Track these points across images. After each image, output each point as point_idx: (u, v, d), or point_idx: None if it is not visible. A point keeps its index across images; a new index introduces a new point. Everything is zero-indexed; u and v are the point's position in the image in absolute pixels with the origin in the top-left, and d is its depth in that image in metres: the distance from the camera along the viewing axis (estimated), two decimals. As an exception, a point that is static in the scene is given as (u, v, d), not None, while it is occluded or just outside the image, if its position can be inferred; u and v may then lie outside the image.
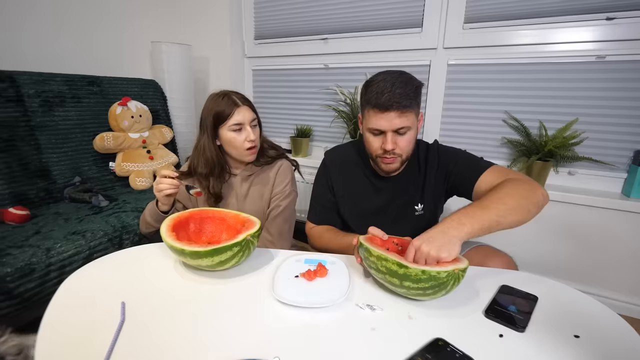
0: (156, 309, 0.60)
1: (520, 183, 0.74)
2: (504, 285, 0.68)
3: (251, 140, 0.94)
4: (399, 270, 0.59)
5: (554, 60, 1.43)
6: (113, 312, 0.59)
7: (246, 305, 0.62)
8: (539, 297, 0.64)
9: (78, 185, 1.48)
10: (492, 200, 0.69)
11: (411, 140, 0.86)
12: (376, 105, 0.81)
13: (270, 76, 2.15)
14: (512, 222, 0.68)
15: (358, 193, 0.99)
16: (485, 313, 0.60)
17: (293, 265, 0.74)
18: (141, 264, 0.76)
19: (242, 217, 0.80)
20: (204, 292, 0.66)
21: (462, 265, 0.60)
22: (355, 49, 1.83)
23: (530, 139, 1.49)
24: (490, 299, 0.64)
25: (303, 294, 0.64)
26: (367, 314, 0.61)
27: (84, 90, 1.60)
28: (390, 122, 0.81)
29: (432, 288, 0.59)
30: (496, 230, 0.67)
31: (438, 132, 1.71)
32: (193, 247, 0.67)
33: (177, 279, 0.70)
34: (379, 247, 0.67)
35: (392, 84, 0.80)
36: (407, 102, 0.79)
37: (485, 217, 0.66)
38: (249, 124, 0.94)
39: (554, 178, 1.52)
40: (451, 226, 0.65)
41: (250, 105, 0.96)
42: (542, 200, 0.73)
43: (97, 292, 0.65)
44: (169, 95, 1.95)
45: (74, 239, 1.10)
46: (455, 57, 1.61)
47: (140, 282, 0.69)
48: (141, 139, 1.70)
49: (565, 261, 1.46)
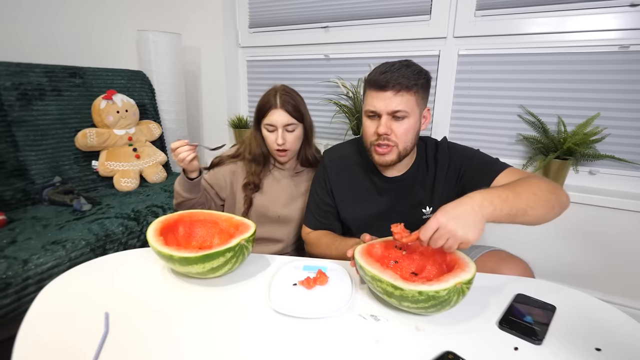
0: (142, 320, 0.60)
1: (545, 181, 0.75)
2: (519, 294, 0.68)
3: (279, 144, 1.00)
4: (394, 291, 0.59)
5: (574, 50, 1.43)
6: (96, 324, 0.58)
7: (240, 316, 0.62)
8: (557, 307, 0.64)
9: (58, 185, 1.47)
10: (524, 188, 0.69)
11: (409, 130, 0.85)
12: (373, 83, 0.83)
13: (266, 67, 2.15)
14: (537, 216, 0.69)
15: (360, 196, 0.98)
16: (499, 324, 0.60)
17: (291, 272, 0.74)
18: (126, 271, 0.76)
19: (235, 221, 0.80)
20: (194, 301, 0.66)
21: (466, 276, 0.59)
22: (358, 38, 1.82)
23: (548, 135, 1.48)
24: (504, 309, 0.64)
25: (301, 304, 0.64)
26: (370, 324, 0.60)
27: (65, 82, 1.60)
28: (385, 102, 0.82)
29: (434, 306, 0.58)
30: (520, 221, 0.67)
31: (448, 128, 1.71)
32: (182, 253, 0.66)
33: (165, 288, 0.70)
34: (374, 262, 0.66)
35: (392, 65, 0.82)
36: (405, 82, 0.80)
37: (516, 203, 0.66)
38: (282, 127, 1.00)
39: (573, 178, 1.51)
40: (482, 205, 0.63)
41: (289, 109, 0.99)
42: (566, 201, 0.74)
43: (78, 301, 0.65)
44: (157, 88, 1.95)
45: (54, 250, 1.10)
46: (466, 46, 1.61)
47: (126, 290, 0.68)
48: (127, 136, 1.70)
49: (586, 268, 1.46)
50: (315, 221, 1.03)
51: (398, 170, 0.94)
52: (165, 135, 1.98)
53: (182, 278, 0.73)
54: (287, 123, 1.00)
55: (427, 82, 0.85)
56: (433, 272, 0.70)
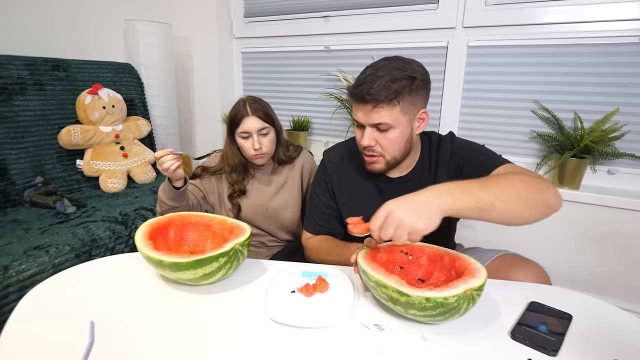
0: (130, 330, 0.60)
1: (532, 177, 0.73)
2: (532, 301, 0.68)
3: (256, 148, 1.11)
4: (400, 298, 0.59)
5: (591, 42, 1.43)
6: (80, 334, 0.58)
7: (234, 326, 0.62)
8: (574, 316, 0.64)
9: (40, 186, 1.48)
10: (491, 182, 0.68)
11: (396, 141, 0.85)
12: (352, 95, 0.83)
13: (263, 60, 2.15)
14: (510, 213, 0.67)
15: (363, 198, 0.98)
16: (512, 334, 0.60)
17: (289, 278, 0.74)
18: (113, 277, 0.76)
19: (229, 223, 0.80)
20: (185, 310, 0.66)
21: (476, 282, 0.59)
22: (360, 29, 1.82)
23: (564, 132, 1.48)
24: (517, 318, 0.64)
25: (300, 312, 0.64)
26: (374, 334, 0.60)
27: (47, 75, 1.60)
28: (365, 115, 0.83)
29: (442, 314, 0.58)
30: (488, 216, 0.65)
31: (456, 124, 1.71)
32: (173, 258, 0.66)
33: (154, 295, 0.70)
34: (378, 267, 0.66)
35: (374, 71, 0.80)
36: (384, 95, 0.78)
37: (480, 194, 0.65)
38: (256, 133, 1.10)
39: (590, 177, 1.51)
40: (436, 193, 0.64)
41: (261, 115, 1.11)
42: (552, 200, 0.70)
43: (62, 310, 0.65)
44: (146, 82, 1.95)
45: (36, 255, 1.10)
46: (476, 37, 1.61)
47: (112, 298, 0.68)
48: (114, 133, 1.70)
49: (604, 273, 1.46)
50: (316, 225, 1.03)
51: (401, 170, 0.95)
52: (154, 132, 1.98)
53: (173, 285, 0.73)
54: (261, 128, 1.11)
55: (421, 83, 0.82)
56: (441, 279, 0.70)
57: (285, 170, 1.24)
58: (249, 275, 0.78)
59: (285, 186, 1.23)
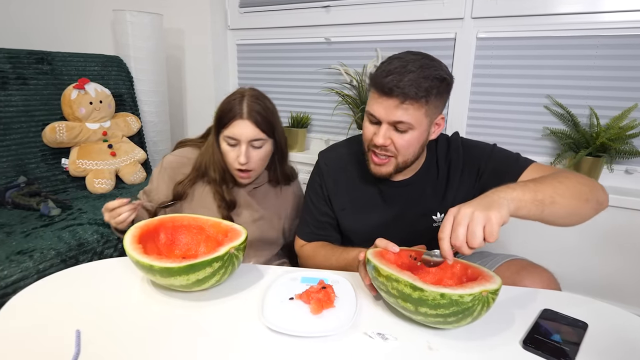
0: (119, 339, 0.60)
1: (579, 174, 0.75)
2: (545, 309, 0.68)
3: (241, 163, 0.92)
4: (412, 293, 0.59)
5: (608, 33, 1.43)
6: (66, 343, 0.58)
7: (229, 334, 0.62)
8: (589, 324, 0.64)
9: (23, 187, 1.48)
10: (547, 178, 0.71)
11: (412, 143, 0.83)
12: (376, 85, 0.80)
13: (259, 52, 2.15)
14: (570, 208, 0.68)
15: (363, 204, 0.98)
16: (524, 343, 0.60)
17: (287, 284, 0.74)
18: (101, 284, 0.75)
19: (224, 226, 0.80)
20: (177, 318, 0.66)
21: (492, 285, 0.59)
22: (363, 19, 1.82)
23: (579, 129, 1.48)
24: (529, 326, 0.64)
25: (299, 321, 0.64)
26: (377, 344, 0.60)
27: (31, 69, 1.60)
28: (387, 110, 0.80)
29: (455, 315, 0.58)
30: (550, 212, 0.66)
31: (465, 121, 1.71)
32: (164, 263, 0.66)
33: (144, 302, 0.70)
34: (389, 264, 0.66)
35: (405, 64, 0.78)
36: (413, 92, 0.76)
37: (540, 188, 0.66)
38: (246, 143, 0.92)
39: (607, 177, 1.51)
40: (497, 190, 0.65)
41: (258, 120, 0.92)
42: (603, 196, 0.74)
43: (47, 318, 0.64)
44: (135, 76, 1.95)
45: (19, 260, 1.09)
46: (486, 29, 1.61)
47: (100, 306, 0.68)
48: (101, 131, 1.70)
49: (621, 279, 1.46)
50: (310, 233, 1.02)
51: (405, 173, 0.93)
52: (144, 129, 1.99)
53: (164, 291, 0.73)
54: (254, 138, 0.92)
55: (446, 87, 0.82)
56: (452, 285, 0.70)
57: (271, 195, 1.07)
58: (244, 281, 0.78)
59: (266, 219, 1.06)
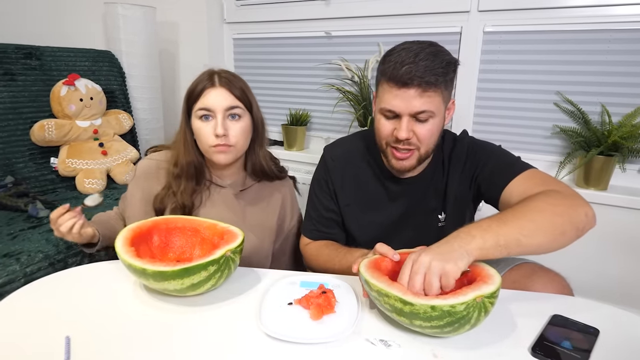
0: (110, 346, 0.60)
1: (559, 197, 0.73)
2: (555, 314, 0.68)
3: (219, 134, 0.86)
4: (404, 307, 0.59)
5: (620, 27, 1.43)
6: (55, 350, 0.58)
7: (225, 341, 0.62)
8: (601, 331, 0.64)
9: (10, 187, 1.48)
10: (515, 215, 0.69)
11: (434, 132, 0.85)
12: (392, 78, 0.80)
13: (257, 47, 2.15)
14: (539, 245, 0.68)
15: (368, 201, 0.98)
16: (532, 350, 0.60)
17: (286, 289, 0.74)
18: (91, 288, 0.75)
19: (219, 228, 0.80)
20: (171, 323, 0.66)
21: (488, 289, 0.59)
22: (364, 13, 1.82)
23: (590, 127, 1.48)
24: (538, 333, 0.64)
25: (298, 326, 0.64)
26: (380, 351, 0.60)
27: (19, 64, 1.60)
28: (407, 102, 0.81)
29: (450, 325, 0.58)
30: (517, 252, 0.67)
31: (471, 119, 1.71)
32: (157, 266, 0.66)
33: (137, 307, 0.70)
34: (381, 276, 0.66)
35: (416, 54, 0.79)
36: (433, 79, 0.79)
37: (503, 231, 0.66)
38: (222, 112, 0.87)
39: (619, 177, 1.51)
40: (458, 237, 0.65)
41: (232, 89, 0.88)
42: (584, 221, 0.71)
43: (35, 323, 0.64)
44: (127, 72, 1.95)
45: (6, 264, 1.10)
46: (493, 22, 1.61)
47: (90, 311, 0.68)
48: (92, 129, 1.70)
49: (633, 284, 1.46)
50: (315, 230, 1.03)
51: (413, 170, 0.94)
52: (137, 127, 1.99)
53: (158, 296, 0.73)
54: (231, 106, 0.87)
55: (454, 70, 0.84)
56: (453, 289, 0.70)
57: (258, 198, 1.00)
58: (241, 285, 0.78)
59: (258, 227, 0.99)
